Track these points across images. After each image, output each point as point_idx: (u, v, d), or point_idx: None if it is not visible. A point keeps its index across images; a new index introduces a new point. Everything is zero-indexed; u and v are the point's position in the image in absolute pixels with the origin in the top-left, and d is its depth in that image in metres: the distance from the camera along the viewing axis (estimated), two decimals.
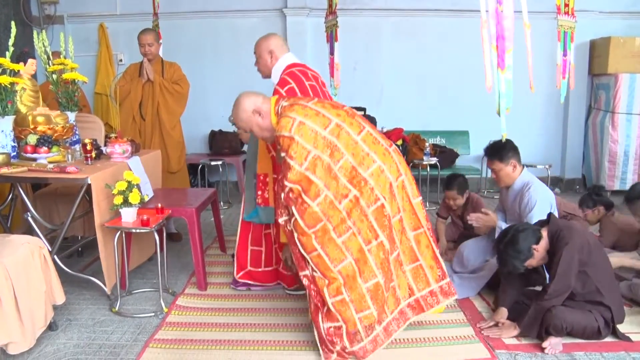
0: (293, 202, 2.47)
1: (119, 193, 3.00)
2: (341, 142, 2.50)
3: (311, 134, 2.47)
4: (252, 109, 2.67)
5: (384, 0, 6.58)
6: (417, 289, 2.70)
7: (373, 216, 2.50)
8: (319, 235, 2.44)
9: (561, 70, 3.78)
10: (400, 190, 2.60)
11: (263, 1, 6.53)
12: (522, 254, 2.71)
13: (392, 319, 2.62)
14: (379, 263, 2.51)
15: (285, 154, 2.48)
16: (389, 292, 2.57)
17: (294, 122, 2.48)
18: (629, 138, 6.13)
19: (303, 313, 3.02)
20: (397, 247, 2.61)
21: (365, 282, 2.49)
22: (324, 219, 2.44)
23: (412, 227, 2.67)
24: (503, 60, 2.51)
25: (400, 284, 2.65)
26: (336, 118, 2.55)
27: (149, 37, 4.34)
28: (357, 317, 2.49)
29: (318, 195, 2.43)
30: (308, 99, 2.67)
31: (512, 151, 3.39)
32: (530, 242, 2.71)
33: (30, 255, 2.59)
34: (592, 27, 6.39)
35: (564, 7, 3.75)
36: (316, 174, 2.44)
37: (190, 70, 4.93)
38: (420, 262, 2.69)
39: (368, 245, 2.50)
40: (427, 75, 6.71)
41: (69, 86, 3.64)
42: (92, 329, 2.91)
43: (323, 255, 2.44)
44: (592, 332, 2.67)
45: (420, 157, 6.02)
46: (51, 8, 6.57)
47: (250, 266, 3.42)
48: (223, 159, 6.11)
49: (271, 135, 2.70)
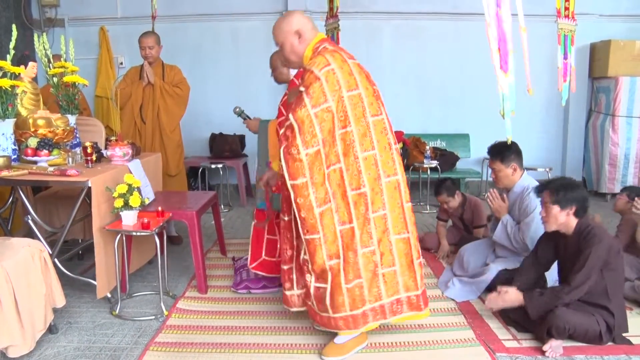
0: (284, 142, 2.42)
1: (119, 196, 3.00)
2: (354, 112, 2.45)
3: (335, 87, 2.41)
4: (296, 28, 2.58)
5: (385, 4, 6.60)
6: (385, 295, 2.59)
7: (352, 200, 2.47)
8: (301, 193, 2.41)
9: (562, 74, 3.79)
10: (391, 189, 2.55)
11: (263, 4, 6.54)
12: (562, 198, 2.71)
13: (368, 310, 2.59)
14: (345, 247, 2.49)
15: (305, 90, 2.41)
16: (350, 284, 2.52)
17: (328, 65, 2.42)
18: (630, 141, 6.13)
19: (304, 316, 3.01)
20: (373, 244, 2.53)
21: (329, 260, 2.49)
22: (307, 175, 2.40)
23: (397, 230, 2.58)
24: (506, 63, 2.51)
25: (370, 286, 2.55)
26: (363, 90, 2.50)
27: (150, 40, 4.35)
28: (327, 263, 2.50)
29: (311, 146, 2.39)
30: (350, 56, 2.59)
31: (515, 154, 3.40)
32: (573, 199, 2.71)
33: (31, 258, 2.59)
34: (593, 30, 6.40)
35: (564, 10, 3.77)
36: (320, 124, 2.39)
37: (191, 73, 4.95)
38: (395, 269, 2.59)
39: (342, 226, 2.48)
40: (428, 78, 6.72)
41: (70, 89, 3.65)
42: (92, 332, 2.91)
43: (302, 214, 2.45)
44: (593, 336, 2.66)
45: (421, 160, 6.02)
46: (52, 11, 6.59)
47: (265, 255, 3.41)
48: (223, 162, 6.10)
49: (296, 61, 2.65)
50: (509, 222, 3.37)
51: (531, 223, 3.22)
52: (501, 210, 3.45)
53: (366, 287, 2.53)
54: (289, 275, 2.75)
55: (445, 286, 3.51)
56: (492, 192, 3.49)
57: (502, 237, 3.38)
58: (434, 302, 3.32)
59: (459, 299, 3.34)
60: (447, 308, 3.24)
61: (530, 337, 2.83)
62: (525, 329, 2.89)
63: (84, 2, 6.59)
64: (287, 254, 2.75)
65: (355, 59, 2.58)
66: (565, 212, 2.74)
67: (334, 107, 2.41)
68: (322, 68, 2.41)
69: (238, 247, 4.44)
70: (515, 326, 2.93)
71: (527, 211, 3.27)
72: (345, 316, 2.54)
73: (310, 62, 2.49)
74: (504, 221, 3.39)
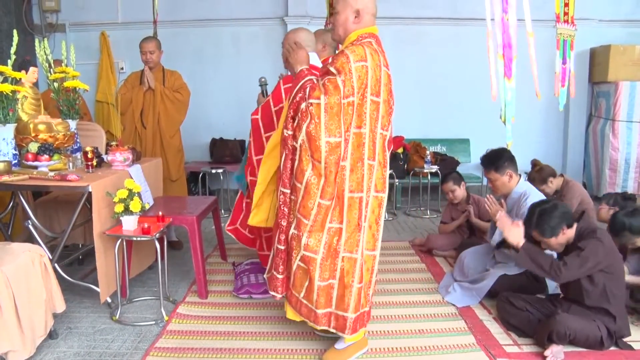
0: (305, 118, 2.38)
1: (119, 201, 3.00)
2: (370, 117, 2.44)
3: (360, 83, 2.37)
4: (358, 7, 2.49)
5: (385, 9, 6.57)
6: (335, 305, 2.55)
7: (347, 203, 2.46)
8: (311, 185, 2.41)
9: (560, 78, 3.79)
10: (376, 204, 2.55)
11: (264, 10, 6.56)
12: (549, 226, 2.71)
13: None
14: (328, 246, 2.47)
15: (337, 73, 2.35)
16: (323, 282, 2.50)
17: (364, 60, 2.37)
18: (630, 146, 6.14)
19: (304, 321, 3.00)
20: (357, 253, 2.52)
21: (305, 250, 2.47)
22: (322, 163, 2.39)
23: (369, 246, 2.55)
24: (510, 69, 2.51)
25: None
26: (382, 101, 2.48)
27: (151, 45, 4.36)
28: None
29: (334, 136, 2.37)
30: (386, 64, 2.54)
31: (508, 161, 3.41)
32: (563, 221, 2.71)
33: (31, 263, 2.59)
34: (593, 35, 6.42)
35: (563, 15, 3.78)
36: (344, 116, 2.38)
37: (191, 78, 4.96)
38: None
39: (330, 223, 2.47)
40: (428, 84, 6.74)
41: (70, 94, 3.65)
42: (92, 337, 2.90)
43: (299, 201, 2.45)
44: (595, 342, 2.65)
45: (421, 165, 6.03)
46: (53, 16, 6.61)
47: (239, 225, 3.57)
48: (224, 166, 6.10)
49: (341, 36, 2.58)
50: None
51: None
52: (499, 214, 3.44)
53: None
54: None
55: (445, 291, 3.51)
56: (490, 197, 3.49)
57: None
58: (435, 307, 3.32)
59: (459, 304, 3.33)
60: (447, 313, 3.23)
61: (531, 342, 2.82)
62: (526, 334, 2.89)
63: (85, 7, 6.63)
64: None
65: (389, 70, 2.56)
66: (559, 236, 2.75)
67: (356, 103, 2.39)
68: (358, 60, 2.36)
69: (238, 252, 4.44)
70: (516, 331, 2.93)
71: (524, 217, 3.26)
72: None
73: (350, 48, 2.41)
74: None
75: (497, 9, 2.49)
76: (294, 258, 2.52)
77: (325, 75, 2.42)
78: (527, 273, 3.32)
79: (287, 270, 2.62)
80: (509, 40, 2.49)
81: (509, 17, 2.48)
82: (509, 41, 2.49)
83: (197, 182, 6.25)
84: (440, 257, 4.31)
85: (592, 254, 2.61)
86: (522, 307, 2.93)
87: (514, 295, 3.04)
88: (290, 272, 2.58)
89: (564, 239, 2.76)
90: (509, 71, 2.53)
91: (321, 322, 2.55)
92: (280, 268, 2.63)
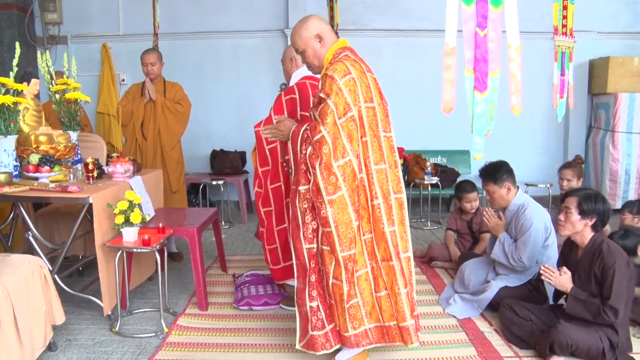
0: (316, 158, 2.38)
1: (120, 212, 3.01)
2: (369, 124, 2.46)
3: (353, 96, 2.41)
4: (316, 33, 2.55)
5: (385, 21, 6.66)
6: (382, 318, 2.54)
7: (365, 213, 2.47)
8: (337, 208, 2.37)
9: (558, 90, 3.81)
10: (398, 206, 2.55)
11: (265, 22, 6.60)
12: (586, 207, 2.70)
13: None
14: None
15: (327, 97, 2.39)
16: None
17: (349, 73, 2.41)
18: (630, 157, 6.15)
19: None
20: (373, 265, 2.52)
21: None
22: (343, 189, 2.37)
23: (403, 248, 2.56)
24: (484, 83, 2.51)
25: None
26: (377, 105, 2.51)
27: (152, 57, 4.39)
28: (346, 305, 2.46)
29: (342, 157, 2.38)
30: (369, 69, 2.58)
31: (506, 174, 3.42)
32: (596, 211, 2.70)
33: (31, 274, 2.58)
34: (591, 47, 6.45)
35: (561, 28, 3.80)
36: (348, 134, 2.39)
37: (192, 90, 4.97)
38: (388, 292, 2.54)
39: (364, 236, 2.48)
40: (428, 95, 6.71)
41: (72, 106, 3.67)
42: (91, 349, 2.89)
43: (334, 234, 2.38)
44: (596, 354, 2.63)
45: (422, 177, 6.03)
46: (55, 29, 6.66)
47: (272, 264, 3.34)
48: (224, 178, 6.11)
49: (319, 66, 2.62)
50: (506, 240, 3.36)
51: (528, 241, 3.22)
52: (498, 228, 3.45)
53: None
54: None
55: (446, 303, 3.49)
56: (488, 210, 3.49)
57: (500, 255, 3.36)
58: (436, 319, 3.31)
59: (460, 316, 3.32)
60: (448, 325, 3.22)
61: (532, 354, 2.81)
62: (528, 344, 2.87)
63: (86, 19, 6.67)
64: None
65: (374, 73, 2.59)
66: (584, 222, 2.73)
67: (356, 115, 2.41)
68: (343, 76, 2.40)
69: (239, 263, 4.43)
70: (517, 343, 2.91)
71: (522, 230, 3.27)
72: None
73: (331, 68, 2.45)
74: (501, 239, 3.38)
75: (470, 24, 2.50)
76: (345, 292, 2.43)
77: (318, 105, 2.45)
78: (528, 285, 3.32)
79: (332, 318, 2.53)
80: (484, 54, 2.49)
81: (488, 31, 2.48)
82: (485, 56, 2.49)
83: (197, 194, 6.25)
84: (440, 268, 4.31)
85: (620, 278, 2.59)
86: (526, 316, 2.91)
87: (517, 303, 3.02)
88: (341, 315, 2.48)
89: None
90: (480, 85, 2.53)
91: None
92: (323, 322, 2.53)
